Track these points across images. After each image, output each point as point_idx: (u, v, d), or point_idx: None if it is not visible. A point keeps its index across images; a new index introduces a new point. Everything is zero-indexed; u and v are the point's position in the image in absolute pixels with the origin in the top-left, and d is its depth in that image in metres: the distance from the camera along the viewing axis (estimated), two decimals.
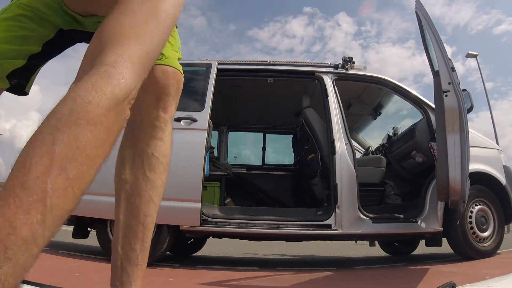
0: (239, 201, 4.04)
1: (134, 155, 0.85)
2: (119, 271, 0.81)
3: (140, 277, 0.82)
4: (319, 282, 2.26)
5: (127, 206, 0.83)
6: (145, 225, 0.82)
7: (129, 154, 0.86)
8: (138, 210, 0.82)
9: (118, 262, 0.81)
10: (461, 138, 2.25)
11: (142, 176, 0.84)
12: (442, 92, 2.34)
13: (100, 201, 2.51)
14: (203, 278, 2.22)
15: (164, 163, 0.86)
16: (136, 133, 0.85)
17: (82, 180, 0.43)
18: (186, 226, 2.55)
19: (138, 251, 0.81)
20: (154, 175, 0.85)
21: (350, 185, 2.66)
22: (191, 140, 2.64)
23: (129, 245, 0.81)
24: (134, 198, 0.83)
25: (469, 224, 2.70)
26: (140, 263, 0.82)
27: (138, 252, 0.81)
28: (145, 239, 0.82)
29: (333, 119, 2.87)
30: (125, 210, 0.83)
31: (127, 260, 0.81)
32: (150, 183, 0.84)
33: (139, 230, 0.82)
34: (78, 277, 1.93)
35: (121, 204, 0.84)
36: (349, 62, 3.08)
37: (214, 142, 4.62)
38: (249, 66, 3.19)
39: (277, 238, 3.08)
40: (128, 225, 0.82)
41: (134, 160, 0.85)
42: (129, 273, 0.81)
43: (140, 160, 0.84)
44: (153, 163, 0.84)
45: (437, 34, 2.40)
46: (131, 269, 0.81)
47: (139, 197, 0.83)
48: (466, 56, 14.58)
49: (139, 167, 0.84)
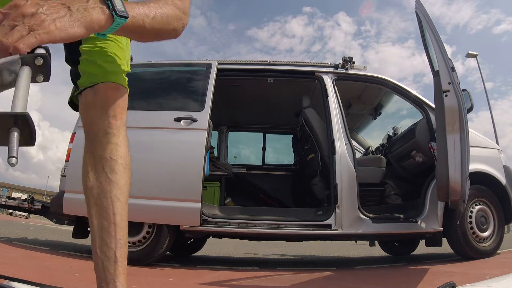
0: (239, 201, 4.04)
1: (95, 162, 0.91)
2: (102, 273, 0.85)
3: (122, 274, 0.85)
4: (319, 282, 2.26)
5: (97, 210, 0.88)
6: (116, 223, 0.87)
7: (91, 162, 0.92)
8: (108, 211, 0.87)
9: (100, 264, 0.85)
10: (461, 138, 2.24)
11: (105, 180, 0.89)
12: (442, 92, 2.34)
13: None
14: (203, 278, 2.22)
15: (124, 164, 0.93)
16: (93, 143, 0.92)
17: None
18: (186, 226, 2.55)
19: (114, 248, 0.85)
20: (116, 176, 0.90)
21: (350, 185, 2.66)
22: (191, 140, 2.64)
23: (105, 245, 0.85)
24: (102, 201, 0.88)
25: (469, 224, 2.70)
26: (120, 259, 0.85)
27: (115, 250, 0.85)
28: (118, 237, 0.87)
29: (333, 119, 2.87)
30: (96, 213, 0.88)
31: (106, 259, 0.85)
32: (113, 183, 0.90)
33: (112, 229, 0.87)
34: (78, 277, 1.93)
35: (92, 209, 0.89)
36: (349, 62, 3.08)
37: (214, 142, 4.63)
38: (249, 66, 3.19)
39: (277, 238, 3.08)
40: (102, 227, 0.87)
41: (95, 167, 0.91)
42: (111, 271, 0.84)
43: (101, 165, 0.90)
44: (113, 165, 0.91)
45: (437, 34, 2.40)
46: (111, 267, 0.84)
47: (105, 199, 0.88)
48: (466, 56, 14.60)
49: (101, 172, 0.90)
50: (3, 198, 5.05)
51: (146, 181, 2.57)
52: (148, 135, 2.69)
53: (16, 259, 2.47)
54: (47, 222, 10.76)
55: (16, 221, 13.60)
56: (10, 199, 5.09)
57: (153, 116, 2.79)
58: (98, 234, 0.87)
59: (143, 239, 2.60)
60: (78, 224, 2.70)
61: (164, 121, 2.71)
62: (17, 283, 0.55)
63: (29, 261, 2.41)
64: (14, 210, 6.32)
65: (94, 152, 0.91)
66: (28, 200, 4.56)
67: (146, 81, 3.26)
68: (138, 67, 3.24)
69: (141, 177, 2.59)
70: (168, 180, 2.57)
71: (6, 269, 1.89)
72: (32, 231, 6.64)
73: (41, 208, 4.53)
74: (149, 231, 2.60)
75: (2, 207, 5.14)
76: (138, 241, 2.60)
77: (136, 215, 2.56)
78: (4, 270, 1.83)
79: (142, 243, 2.59)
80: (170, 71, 3.34)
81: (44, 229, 8.00)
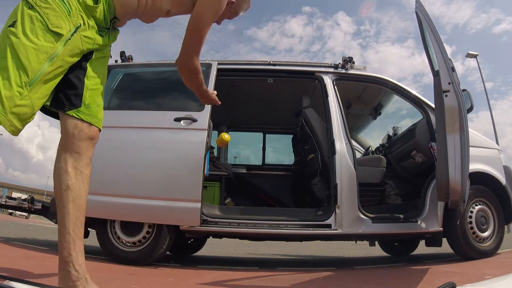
0: (239, 201, 4.04)
1: (75, 172, 1.24)
2: (73, 245, 1.19)
3: (83, 248, 1.25)
4: (319, 282, 2.26)
5: (74, 205, 1.22)
6: (84, 213, 1.26)
7: (72, 171, 1.24)
8: (82, 206, 1.25)
9: (71, 241, 1.19)
10: (461, 138, 2.24)
11: (82, 186, 1.25)
12: (442, 92, 2.34)
13: (100, 201, 2.52)
14: (203, 278, 2.22)
15: (88, 171, 1.29)
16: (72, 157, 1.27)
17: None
18: (186, 226, 2.54)
19: (82, 230, 1.24)
20: (86, 183, 1.28)
21: (350, 185, 2.66)
22: (191, 140, 2.64)
23: (77, 228, 1.22)
24: (79, 200, 1.24)
25: (469, 224, 2.70)
26: (82, 238, 1.25)
27: (82, 230, 1.24)
28: (83, 221, 1.25)
29: (333, 119, 2.86)
30: (73, 208, 1.22)
31: (77, 237, 1.21)
32: (85, 187, 1.26)
33: (83, 218, 1.25)
34: None
35: (69, 204, 1.21)
36: (349, 62, 3.08)
37: (214, 142, 4.62)
38: (249, 66, 3.19)
39: (277, 238, 3.08)
40: (77, 217, 1.22)
41: (76, 176, 1.24)
42: (79, 246, 1.22)
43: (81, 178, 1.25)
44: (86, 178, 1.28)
45: (437, 34, 2.40)
46: (79, 243, 1.22)
47: (81, 199, 1.24)
48: (466, 56, 14.61)
49: (79, 182, 1.25)
50: (3, 198, 5.03)
51: (146, 181, 2.57)
52: (148, 135, 2.69)
53: (16, 259, 2.47)
54: (47, 222, 10.76)
55: (16, 221, 13.61)
56: (10, 199, 5.08)
57: (153, 116, 2.79)
58: (73, 222, 1.21)
59: (143, 239, 2.60)
60: None
61: (164, 121, 2.71)
62: (17, 283, 0.55)
63: (29, 261, 2.41)
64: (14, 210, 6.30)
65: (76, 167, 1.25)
66: (28, 200, 4.55)
67: (146, 81, 3.26)
68: (138, 67, 3.24)
69: (141, 177, 2.59)
70: (168, 180, 2.57)
71: (6, 269, 1.89)
72: (32, 231, 6.64)
73: (41, 208, 4.52)
74: (149, 231, 2.60)
75: (2, 207, 5.13)
76: (138, 241, 2.60)
77: (136, 215, 2.56)
78: (4, 270, 1.83)
79: (142, 243, 2.59)
80: (170, 71, 3.33)
81: (44, 229, 8.01)
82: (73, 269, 1.17)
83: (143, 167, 2.60)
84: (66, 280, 1.17)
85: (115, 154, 2.62)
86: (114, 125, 2.63)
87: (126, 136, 2.70)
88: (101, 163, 2.32)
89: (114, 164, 2.60)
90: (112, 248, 2.60)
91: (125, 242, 2.60)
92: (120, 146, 2.65)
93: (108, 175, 2.56)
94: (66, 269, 1.17)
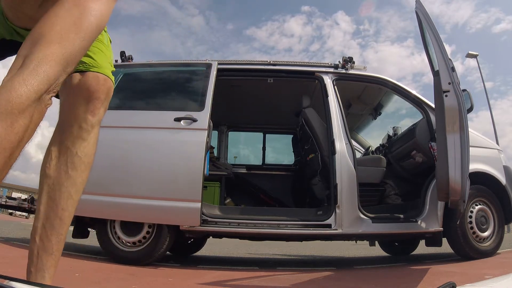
0: (239, 201, 4.04)
1: (59, 152, 0.91)
2: (35, 259, 0.87)
3: (53, 266, 0.88)
4: (319, 282, 2.26)
5: (47, 200, 0.89)
6: (62, 218, 0.89)
7: (55, 151, 0.91)
8: (57, 205, 0.89)
9: (35, 251, 0.87)
10: (461, 138, 2.24)
11: (64, 173, 0.90)
12: (442, 92, 2.34)
13: (100, 201, 2.52)
14: (203, 278, 2.22)
15: (86, 162, 0.93)
16: (64, 133, 0.92)
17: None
18: (186, 226, 2.54)
19: (53, 242, 0.88)
20: (76, 173, 0.91)
21: (350, 185, 2.66)
22: (191, 140, 2.64)
23: (46, 236, 0.87)
24: (55, 193, 0.89)
25: (469, 224, 2.70)
26: (55, 253, 0.88)
27: (53, 243, 0.88)
28: (60, 231, 0.89)
29: (333, 119, 2.86)
30: (46, 203, 0.89)
31: (43, 249, 0.87)
32: (71, 180, 0.90)
33: (56, 223, 0.88)
34: (78, 277, 1.93)
35: (42, 197, 0.90)
36: (349, 62, 3.08)
37: (214, 142, 4.62)
38: (249, 66, 3.19)
39: (277, 238, 3.08)
40: (47, 217, 0.88)
41: (59, 157, 0.90)
42: (44, 262, 0.87)
43: (64, 158, 0.90)
44: (76, 161, 0.91)
45: (437, 34, 2.40)
46: (46, 258, 0.87)
47: (59, 192, 0.89)
48: (466, 56, 14.57)
49: (62, 164, 0.90)
50: (3, 198, 5.03)
51: (146, 181, 2.57)
52: (148, 135, 2.69)
53: (16, 259, 2.47)
54: None
55: (16, 221, 13.59)
56: (10, 199, 5.08)
57: (153, 116, 2.79)
58: (42, 223, 0.88)
59: (143, 239, 2.60)
60: (78, 224, 2.70)
61: (164, 121, 2.71)
62: (17, 283, 0.55)
63: None
64: (14, 210, 6.30)
65: (63, 142, 0.91)
66: (28, 200, 4.55)
67: (146, 81, 3.26)
68: (138, 67, 3.25)
69: (141, 177, 2.59)
70: (168, 180, 2.57)
71: (6, 269, 1.89)
72: None
73: None
74: (149, 231, 2.60)
75: (2, 207, 5.14)
76: (138, 241, 2.60)
77: (136, 215, 2.56)
78: (4, 270, 1.83)
79: (142, 243, 2.59)
80: (170, 71, 3.34)
81: None
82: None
83: (143, 167, 2.60)
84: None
85: (115, 154, 2.62)
86: (114, 125, 2.63)
87: (126, 136, 2.70)
88: (101, 163, 2.31)
89: (114, 164, 2.60)
90: (112, 248, 2.60)
91: (125, 242, 2.60)
92: (120, 146, 2.65)
93: (108, 175, 2.56)
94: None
